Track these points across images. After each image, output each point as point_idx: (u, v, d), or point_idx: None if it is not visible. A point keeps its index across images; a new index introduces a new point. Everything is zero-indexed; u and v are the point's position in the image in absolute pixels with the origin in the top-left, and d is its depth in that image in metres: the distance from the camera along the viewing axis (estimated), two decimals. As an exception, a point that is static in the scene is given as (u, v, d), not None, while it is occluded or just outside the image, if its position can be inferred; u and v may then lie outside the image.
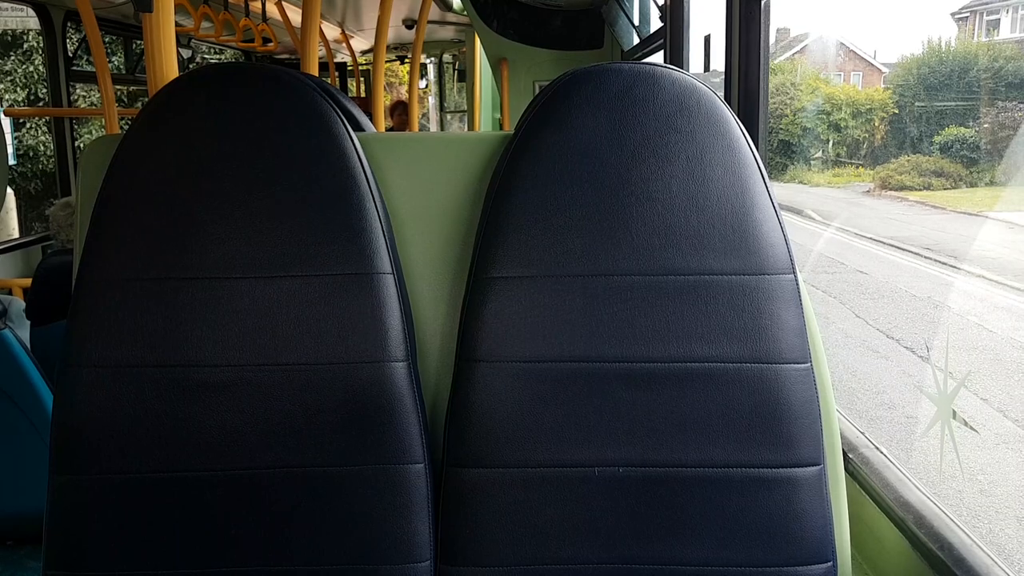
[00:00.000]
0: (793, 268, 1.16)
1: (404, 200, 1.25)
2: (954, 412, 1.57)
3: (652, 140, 1.15)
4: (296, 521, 1.15)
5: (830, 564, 1.14)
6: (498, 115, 6.81)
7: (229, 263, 1.15)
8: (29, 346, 2.66)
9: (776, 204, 1.17)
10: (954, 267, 7.55)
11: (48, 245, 4.72)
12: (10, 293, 3.87)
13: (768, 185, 1.17)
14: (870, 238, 8.78)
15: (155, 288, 1.15)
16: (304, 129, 1.16)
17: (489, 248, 1.17)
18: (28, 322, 3.00)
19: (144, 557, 1.15)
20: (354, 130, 1.19)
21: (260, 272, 1.14)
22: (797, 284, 1.15)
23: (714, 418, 1.13)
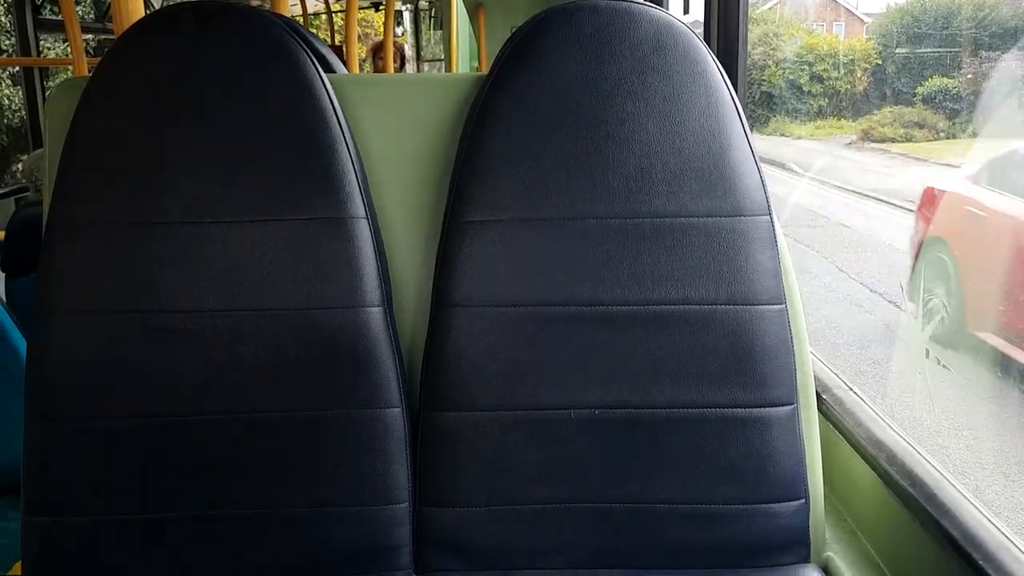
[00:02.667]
0: (769, 209, 1.15)
1: (378, 143, 1.23)
2: (927, 352, 1.59)
3: (628, 79, 1.14)
4: (273, 466, 1.15)
5: (802, 501, 1.16)
6: (476, 64, 6.72)
7: (200, 208, 1.13)
8: (4, 298, 2.63)
9: (753, 144, 1.16)
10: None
11: (21, 197, 4.65)
12: (-17, 246, 3.81)
13: (745, 125, 1.17)
14: (852, 191, 8.65)
15: (125, 233, 1.13)
16: (274, 69, 1.14)
17: (463, 192, 1.15)
18: (2, 274, 2.97)
19: (120, 501, 1.15)
20: (325, 71, 1.17)
21: (231, 217, 1.13)
22: (773, 225, 1.15)
23: (689, 360, 1.13)
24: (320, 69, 1.15)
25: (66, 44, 6.26)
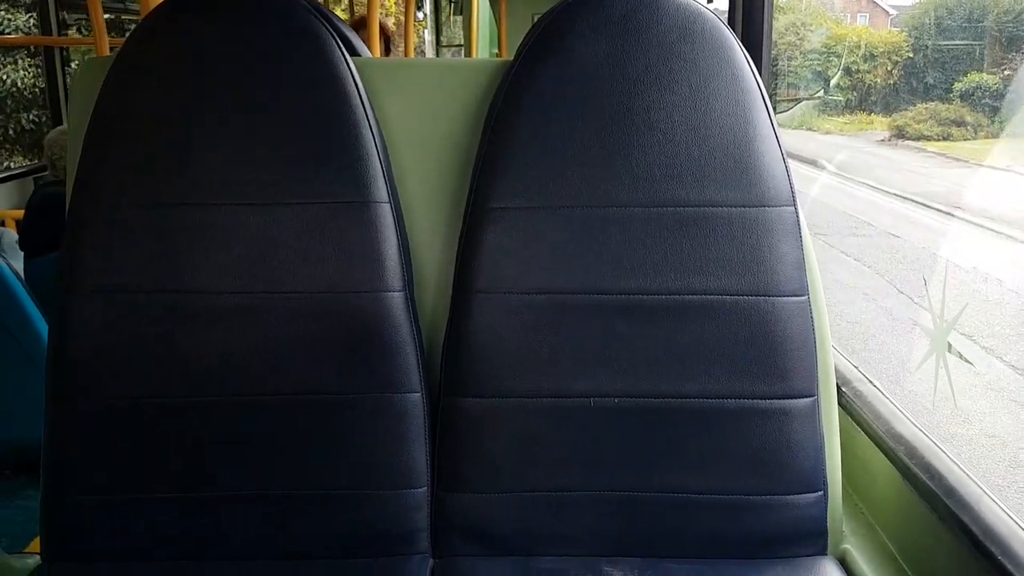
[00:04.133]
0: (794, 200, 1.15)
1: (401, 128, 1.23)
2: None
3: (654, 67, 1.13)
4: (294, 448, 1.16)
5: (820, 493, 1.15)
6: (495, 50, 6.70)
7: (224, 189, 1.13)
8: (23, 277, 2.65)
9: (779, 135, 1.16)
10: (994, 231, 6.36)
11: (40, 176, 4.67)
12: (2, 224, 3.84)
13: (772, 115, 1.16)
14: (895, 194, 7.91)
15: (150, 214, 1.14)
16: (299, 52, 1.14)
17: (487, 178, 1.15)
18: (21, 253, 2.98)
19: (141, 483, 1.16)
20: (350, 54, 1.16)
21: (256, 199, 1.13)
22: (797, 216, 1.15)
23: (710, 350, 1.13)
24: (345, 52, 1.15)
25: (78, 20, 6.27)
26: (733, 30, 1.20)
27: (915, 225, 7.25)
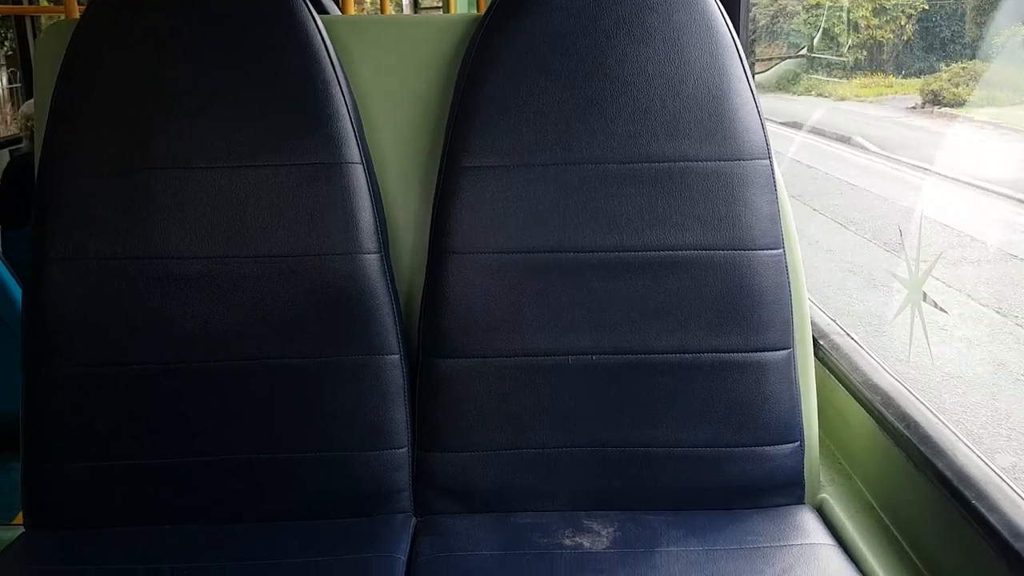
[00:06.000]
0: (768, 153, 1.14)
1: (372, 87, 1.21)
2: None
3: (627, 19, 1.12)
4: (273, 412, 1.16)
5: (797, 444, 1.17)
6: (475, 11, 6.61)
7: (193, 153, 1.12)
8: (1, 250, 2.62)
9: (754, 87, 1.15)
10: None
11: (16, 148, 4.60)
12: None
13: (747, 68, 1.15)
14: (969, 183, 5.60)
15: (119, 179, 1.12)
16: (265, 11, 1.12)
17: (461, 137, 1.14)
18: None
19: (119, 449, 1.16)
20: (318, 12, 1.15)
21: (226, 162, 1.12)
22: (772, 169, 1.14)
23: (686, 305, 1.13)
24: (312, 10, 1.13)
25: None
26: None
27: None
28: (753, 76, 1.18)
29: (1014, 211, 5.25)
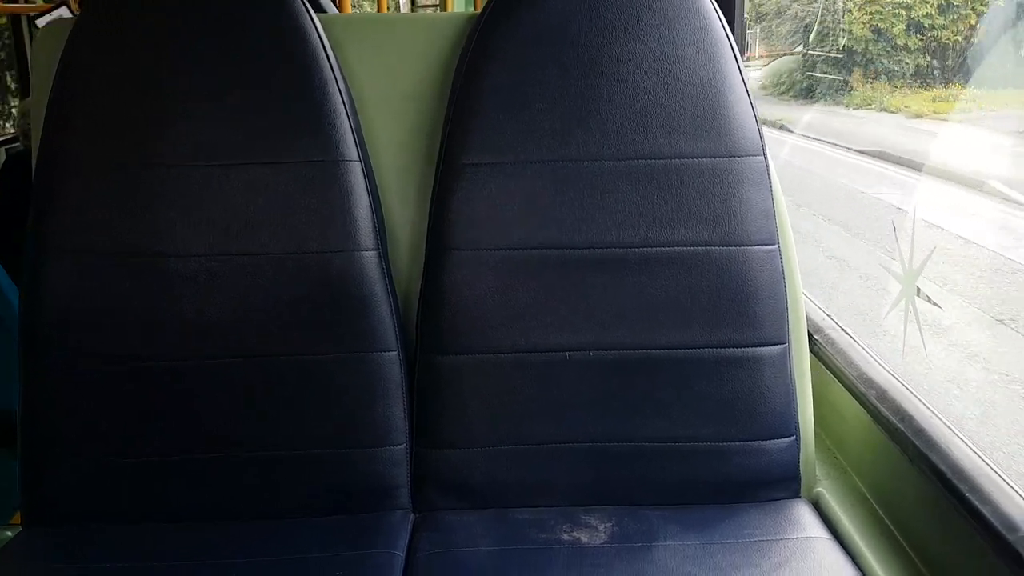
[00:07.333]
0: (763, 149, 1.15)
1: (370, 85, 1.22)
2: None
3: (623, 18, 1.13)
4: (271, 409, 1.16)
5: (793, 438, 1.17)
6: (472, 9, 6.61)
7: (191, 150, 1.12)
8: None
9: (747, 84, 1.15)
10: None
11: (12, 147, 4.60)
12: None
13: (741, 65, 1.16)
14: None
15: (117, 176, 1.13)
16: (262, 10, 1.13)
17: (458, 134, 1.15)
18: None
19: (119, 446, 1.16)
20: (315, 11, 1.15)
21: (222, 160, 1.12)
22: (767, 165, 1.15)
23: (682, 301, 1.14)
24: (310, 9, 1.14)
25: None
26: None
27: None
28: (745, 71, 1.18)
29: None
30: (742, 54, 1.21)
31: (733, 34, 1.18)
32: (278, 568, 1.09)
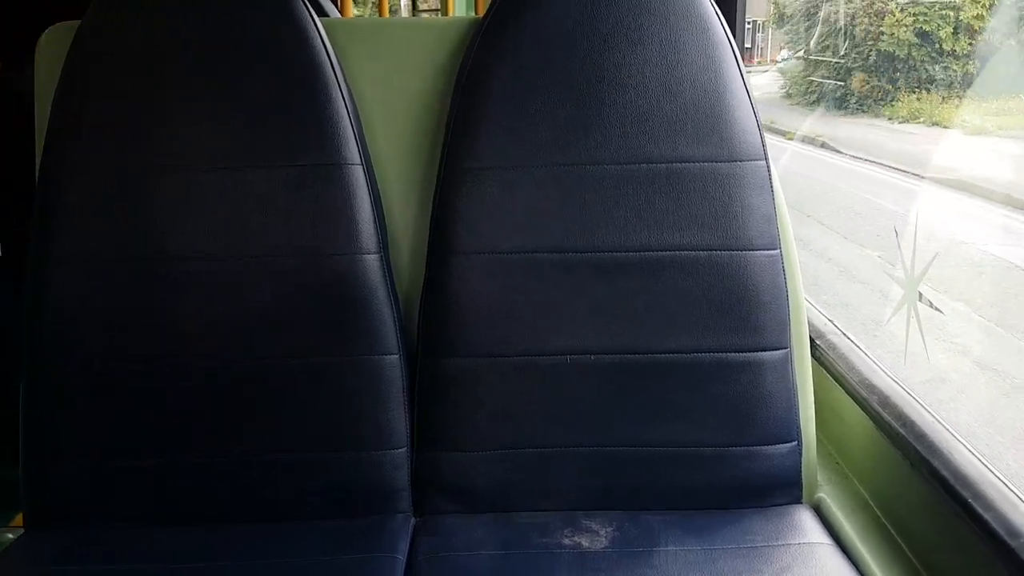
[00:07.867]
0: (765, 154, 1.15)
1: (372, 89, 1.22)
2: None
3: (625, 23, 1.13)
4: (272, 411, 1.16)
5: (794, 444, 1.17)
6: (472, 14, 6.61)
7: (195, 154, 1.13)
8: None
9: (750, 88, 1.16)
10: None
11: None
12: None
13: (742, 69, 1.16)
14: None
15: (121, 180, 1.13)
16: (266, 14, 1.13)
17: (460, 138, 1.15)
18: None
19: (121, 447, 1.16)
20: (318, 15, 1.15)
21: (226, 163, 1.13)
22: (768, 170, 1.15)
23: (684, 305, 1.14)
24: (313, 13, 1.14)
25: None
26: None
27: None
28: (747, 76, 1.18)
29: None
30: (742, 57, 1.21)
31: (734, 39, 1.18)
32: (278, 571, 1.09)
